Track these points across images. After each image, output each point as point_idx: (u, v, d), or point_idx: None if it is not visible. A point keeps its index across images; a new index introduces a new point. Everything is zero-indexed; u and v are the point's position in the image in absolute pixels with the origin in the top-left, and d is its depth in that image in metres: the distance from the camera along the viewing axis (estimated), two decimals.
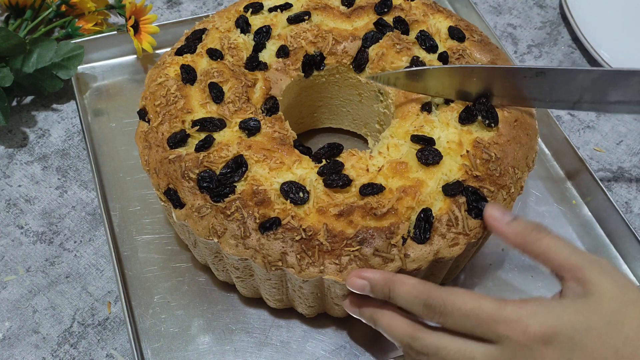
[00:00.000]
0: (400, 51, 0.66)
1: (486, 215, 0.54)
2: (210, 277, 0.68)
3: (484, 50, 0.67)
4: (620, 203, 0.77)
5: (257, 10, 0.70)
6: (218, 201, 0.56)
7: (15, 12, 0.87)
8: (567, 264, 0.49)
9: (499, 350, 0.47)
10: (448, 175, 0.57)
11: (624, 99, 0.62)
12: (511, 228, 0.52)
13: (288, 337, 0.65)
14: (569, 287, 0.49)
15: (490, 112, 0.60)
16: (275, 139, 0.60)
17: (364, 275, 0.52)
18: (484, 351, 0.48)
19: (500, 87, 0.61)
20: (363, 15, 0.70)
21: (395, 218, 0.55)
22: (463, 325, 0.48)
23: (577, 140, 0.83)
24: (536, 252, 0.51)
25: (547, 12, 0.99)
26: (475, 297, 0.48)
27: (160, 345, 0.64)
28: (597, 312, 0.47)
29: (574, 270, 0.49)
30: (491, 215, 0.54)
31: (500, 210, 0.54)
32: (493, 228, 0.54)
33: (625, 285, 0.48)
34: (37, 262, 0.70)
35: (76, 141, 0.80)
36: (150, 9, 0.85)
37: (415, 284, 0.51)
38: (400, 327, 0.52)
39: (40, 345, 0.65)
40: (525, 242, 0.51)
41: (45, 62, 0.80)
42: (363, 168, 0.58)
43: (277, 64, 0.66)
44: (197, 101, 0.63)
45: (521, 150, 0.60)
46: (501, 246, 0.72)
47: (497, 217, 0.54)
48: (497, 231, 0.54)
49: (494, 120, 0.60)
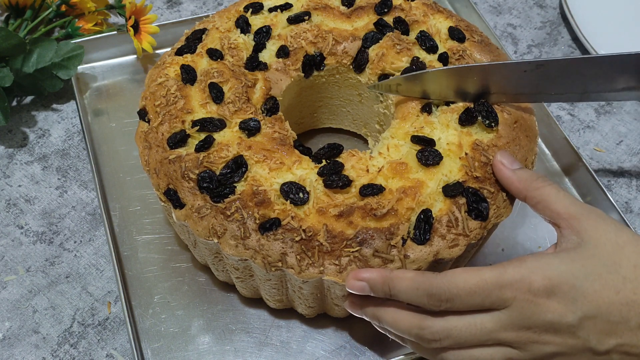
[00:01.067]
0: (400, 52, 0.66)
1: (495, 161, 0.57)
2: (210, 277, 0.68)
3: (484, 50, 0.67)
4: (620, 203, 0.77)
5: (257, 10, 0.70)
6: (218, 201, 0.56)
7: (15, 12, 0.87)
8: (564, 213, 0.51)
9: (506, 313, 0.49)
10: (448, 176, 0.57)
11: (632, 84, 0.62)
12: (517, 174, 0.55)
13: (288, 337, 0.65)
14: (565, 235, 0.51)
15: (490, 112, 0.60)
16: (275, 140, 0.60)
17: (362, 276, 0.52)
18: (493, 318, 0.49)
19: (501, 84, 0.61)
20: (363, 15, 0.70)
21: (395, 219, 0.55)
22: (471, 303, 0.49)
23: (577, 140, 0.83)
24: (537, 199, 0.53)
25: (547, 12, 0.99)
26: (474, 271, 0.49)
27: (160, 345, 0.64)
28: (594, 257, 0.49)
29: (571, 219, 0.51)
30: (500, 161, 0.56)
31: (509, 158, 0.57)
32: (500, 172, 0.56)
33: (619, 229, 0.50)
34: (37, 262, 0.70)
35: (76, 141, 0.80)
36: (150, 9, 0.85)
37: (413, 277, 0.51)
38: (406, 320, 0.52)
39: (40, 345, 0.65)
40: (528, 188, 0.54)
41: (45, 62, 0.80)
42: (363, 169, 0.58)
43: (277, 64, 0.66)
44: (197, 101, 0.63)
45: (520, 152, 0.60)
46: (501, 246, 0.72)
47: (505, 163, 0.56)
48: (503, 175, 0.56)
49: (494, 121, 0.60)
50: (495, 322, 0.49)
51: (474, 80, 0.61)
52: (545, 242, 0.72)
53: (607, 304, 0.47)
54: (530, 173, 0.55)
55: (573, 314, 0.47)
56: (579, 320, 0.47)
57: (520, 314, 0.48)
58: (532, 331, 0.49)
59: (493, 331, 0.49)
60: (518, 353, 0.50)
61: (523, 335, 0.49)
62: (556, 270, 0.48)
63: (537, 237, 0.72)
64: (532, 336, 0.49)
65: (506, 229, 0.72)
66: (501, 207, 0.57)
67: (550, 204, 0.52)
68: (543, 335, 0.49)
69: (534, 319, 0.48)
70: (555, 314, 0.48)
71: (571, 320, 0.47)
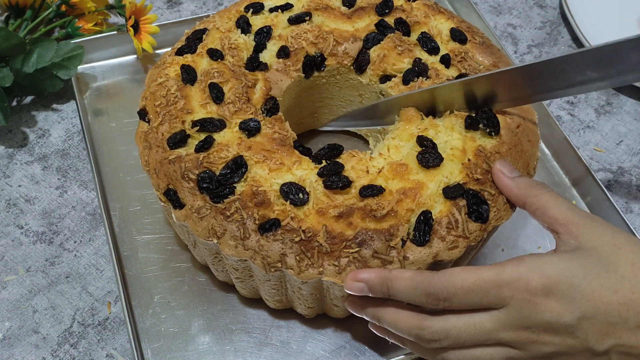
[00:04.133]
0: (401, 53, 0.66)
1: (494, 169, 0.57)
2: (210, 277, 0.68)
3: (485, 52, 0.67)
4: (620, 203, 0.77)
5: (258, 10, 0.70)
6: (218, 202, 0.56)
7: (15, 12, 0.87)
8: (562, 218, 0.52)
9: (505, 313, 0.49)
10: (449, 178, 0.57)
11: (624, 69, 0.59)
12: (516, 182, 0.56)
13: (288, 337, 0.65)
14: (563, 240, 0.51)
15: (492, 121, 0.60)
16: (275, 140, 0.60)
17: (360, 277, 0.52)
18: (492, 318, 0.49)
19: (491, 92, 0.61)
20: (364, 16, 0.70)
21: (394, 220, 0.55)
22: (469, 302, 0.49)
23: (577, 140, 0.83)
24: (535, 206, 0.54)
25: (547, 12, 0.98)
26: (472, 270, 0.50)
27: (160, 345, 0.64)
28: (592, 257, 0.49)
29: (569, 225, 0.51)
30: (500, 170, 0.57)
31: (508, 166, 0.57)
32: (500, 180, 0.57)
33: (615, 231, 0.51)
34: (37, 262, 0.70)
35: (76, 141, 0.80)
36: (150, 9, 0.85)
37: (411, 276, 0.51)
38: (406, 320, 0.52)
39: (40, 345, 0.65)
40: (527, 195, 0.55)
41: (45, 62, 0.80)
42: (363, 169, 0.58)
43: (278, 65, 0.66)
44: (197, 101, 0.63)
45: (522, 158, 0.60)
46: (501, 246, 0.72)
47: (504, 171, 0.57)
48: (502, 183, 0.57)
49: (495, 130, 0.60)
50: (494, 321, 0.49)
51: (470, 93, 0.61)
52: (545, 242, 0.72)
53: (605, 303, 0.47)
54: (529, 181, 0.56)
55: (571, 314, 0.47)
56: (577, 320, 0.48)
57: (518, 313, 0.48)
58: (530, 331, 0.49)
59: (492, 331, 0.49)
60: (518, 353, 0.50)
61: (522, 334, 0.49)
62: (554, 269, 0.48)
63: (537, 238, 0.72)
64: (531, 336, 0.49)
65: (506, 229, 0.72)
66: (501, 210, 0.57)
67: (549, 210, 0.53)
68: (541, 335, 0.49)
69: (532, 319, 0.48)
70: (553, 314, 0.48)
71: (569, 320, 0.48)
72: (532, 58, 0.92)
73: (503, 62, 0.67)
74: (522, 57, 0.92)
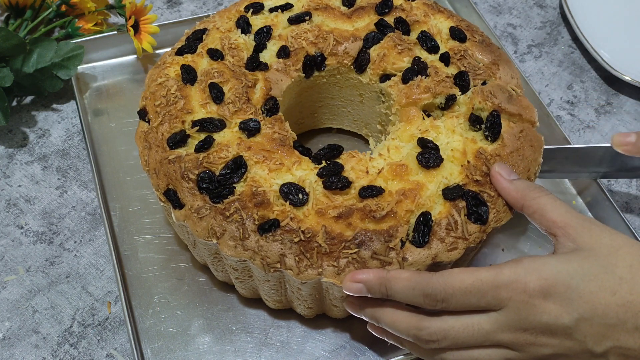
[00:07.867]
0: (401, 52, 0.66)
1: (493, 172, 0.57)
2: (210, 277, 0.68)
3: (485, 51, 0.67)
4: (620, 203, 0.77)
5: (258, 10, 0.70)
6: (217, 202, 0.56)
7: (15, 12, 0.87)
8: (560, 221, 0.52)
9: (503, 314, 0.49)
10: (448, 179, 0.57)
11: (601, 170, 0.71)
12: (514, 185, 0.56)
13: (288, 337, 0.65)
14: (561, 243, 0.51)
15: (495, 127, 0.60)
16: (275, 140, 0.60)
17: (358, 277, 0.52)
18: (490, 319, 0.49)
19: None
20: (364, 15, 0.70)
21: (394, 221, 0.55)
22: (467, 303, 0.49)
23: (577, 140, 0.83)
24: (533, 209, 0.54)
25: (547, 12, 0.98)
26: (470, 271, 0.50)
27: (160, 345, 0.64)
28: (590, 258, 0.49)
29: (566, 227, 0.51)
30: (498, 172, 0.57)
31: (506, 169, 0.57)
32: (498, 183, 0.57)
33: (613, 233, 0.51)
34: (37, 262, 0.70)
35: (76, 141, 0.80)
36: (150, 9, 0.85)
37: (409, 276, 0.51)
38: (404, 320, 0.52)
39: (40, 345, 0.65)
40: (525, 198, 0.55)
41: (45, 62, 0.80)
42: (363, 170, 0.58)
43: (278, 65, 0.66)
44: (197, 101, 0.63)
45: (523, 163, 0.60)
46: (501, 246, 0.72)
47: (502, 174, 0.57)
48: (501, 186, 0.57)
49: (494, 137, 0.60)
50: (492, 323, 0.49)
51: None
52: (545, 242, 0.72)
53: (603, 305, 0.47)
54: (527, 183, 0.56)
55: (569, 316, 0.47)
56: (575, 322, 0.47)
57: (516, 314, 0.48)
58: (528, 332, 0.49)
59: (490, 332, 0.49)
60: (516, 354, 0.50)
61: (520, 336, 0.49)
62: (552, 270, 0.48)
63: (537, 238, 0.72)
64: (529, 338, 0.49)
65: (507, 229, 0.72)
66: (501, 212, 0.57)
67: (546, 213, 0.53)
68: (539, 336, 0.49)
69: (529, 320, 0.48)
70: (550, 316, 0.48)
71: (567, 322, 0.48)
72: (532, 58, 0.92)
73: (502, 60, 0.67)
74: (522, 57, 0.92)
